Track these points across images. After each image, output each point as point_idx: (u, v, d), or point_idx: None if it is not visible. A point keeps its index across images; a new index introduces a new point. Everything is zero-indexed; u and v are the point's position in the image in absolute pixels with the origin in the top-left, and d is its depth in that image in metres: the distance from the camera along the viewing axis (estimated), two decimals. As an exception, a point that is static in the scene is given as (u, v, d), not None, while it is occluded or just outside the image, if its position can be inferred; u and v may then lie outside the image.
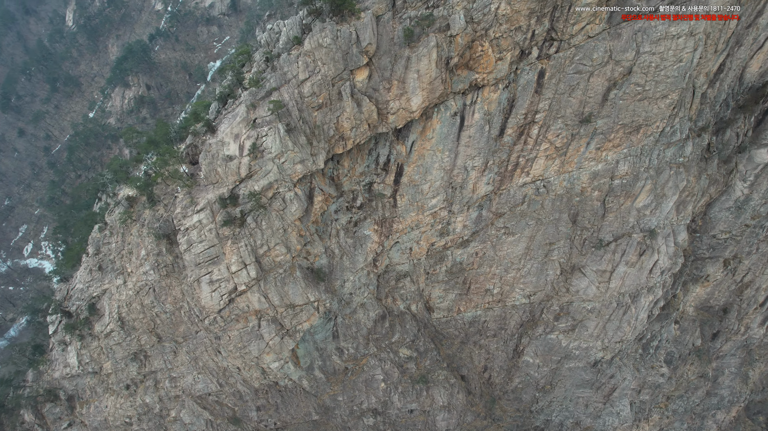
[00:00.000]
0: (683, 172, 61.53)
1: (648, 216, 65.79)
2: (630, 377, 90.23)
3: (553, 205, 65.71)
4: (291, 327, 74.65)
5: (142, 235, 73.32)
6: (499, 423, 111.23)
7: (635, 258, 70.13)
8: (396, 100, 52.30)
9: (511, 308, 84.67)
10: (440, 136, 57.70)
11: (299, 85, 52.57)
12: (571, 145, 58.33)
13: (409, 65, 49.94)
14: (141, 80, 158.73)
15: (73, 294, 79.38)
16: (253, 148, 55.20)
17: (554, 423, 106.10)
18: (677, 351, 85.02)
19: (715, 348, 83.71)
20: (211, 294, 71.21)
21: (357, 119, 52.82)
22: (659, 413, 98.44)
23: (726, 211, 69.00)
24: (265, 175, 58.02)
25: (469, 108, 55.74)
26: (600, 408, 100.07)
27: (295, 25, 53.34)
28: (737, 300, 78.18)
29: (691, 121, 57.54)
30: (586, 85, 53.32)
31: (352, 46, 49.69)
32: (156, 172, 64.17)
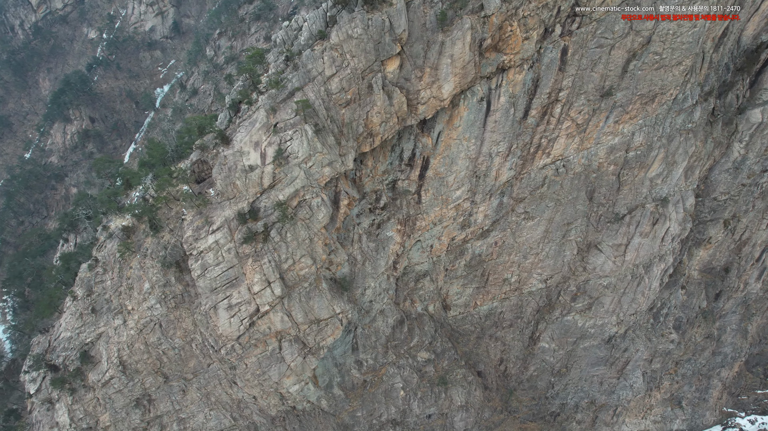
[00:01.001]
0: (692, 138, 65.11)
1: (660, 185, 69.06)
2: (643, 348, 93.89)
3: (571, 184, 67.48)
4: (314, 345, 71.78)
5: (145, 267, 67.83)
6: (515, 415, 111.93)
7: (648, 228, 73.20)
8: (427, 88, 51.60)
9: (528, 295, 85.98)
10: (467, 124, 57.55)
11: (326, 82, 50.50)
12: (591, 121, 60.26)
13: (443, 50, 49.46)
14: (83, 113, 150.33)
15: (58, 344, 72.33)
16: (278, 154, 52.36)
17: (569, 406, 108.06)
18: (685, 315, 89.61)
19: (718, 307, 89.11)
20: (229, 320, 67.00)
21: (387, 112, 51.51)
22: (669, 379, 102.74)
23: (725, 172, 73.91)
24: (291, 182, 55.21)
25: (494, 92, 56.08)
26: (614, 383, 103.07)
27: (318, 18, 51.19)
28: (736, 258, 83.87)
29: (700, 86, 60.70)
30: (608, 58, 55.37)
31: (384, 35, 48.43)
32: (156, 196, 59.23)
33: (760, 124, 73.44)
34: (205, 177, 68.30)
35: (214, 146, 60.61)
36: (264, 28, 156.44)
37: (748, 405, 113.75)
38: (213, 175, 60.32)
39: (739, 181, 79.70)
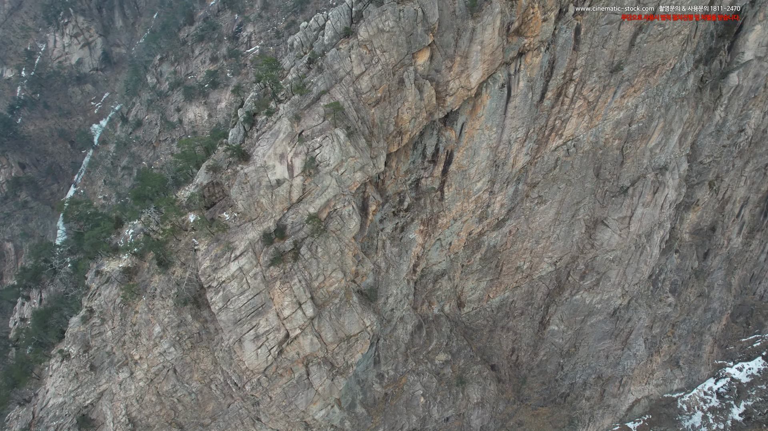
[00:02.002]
0: (686, 105, 69.84)
1: (658, 154, 73.37)
2: (644, 315, 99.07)
3: (581, 163, 70.27)
4: (343, 364, 70.36)
5: (154, 308, 62.80)
6: (527, 403, 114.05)
7: (650, 197, 77.36)
8: (456, 78, 51.74)
9: (538, 280, 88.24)
10: (489, 112, 58.35)
11: (354, 81, 49.15)
12: (601, 98, 63.41)
13: (473, 37, 49.82)
14: (11, 159, 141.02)
15: (47, 414, 65.60)
16: (307, 164, 49.81)
17: (578, 384, 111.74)
18: (679, 278, 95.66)
19: (707, 266, 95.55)
20: (256, 352, 63.78)
21: (417, 107, 51.05)
22: (668, 342, 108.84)
23: (709, 136, 79.69)
24: (323, 193, 53.26)
25: (514, 77, 57.49)
26: (619, 355, 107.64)
27: (342, 15, 49.48)
28: (720, 217, 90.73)
29: (694, 54, 64.42)
30: (617, 33, 58.25)
31: (417, 26, 47.85)
32: (163, 229, 54.58)
33: (737, 86, 79.83)
34: (216, 201, 63.82)
35: (228, 165, 56.76)
36: (209, 49, 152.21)
37: (735, 354, 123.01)
38: (232, 195, 56.42)
39: (720, 143, 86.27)
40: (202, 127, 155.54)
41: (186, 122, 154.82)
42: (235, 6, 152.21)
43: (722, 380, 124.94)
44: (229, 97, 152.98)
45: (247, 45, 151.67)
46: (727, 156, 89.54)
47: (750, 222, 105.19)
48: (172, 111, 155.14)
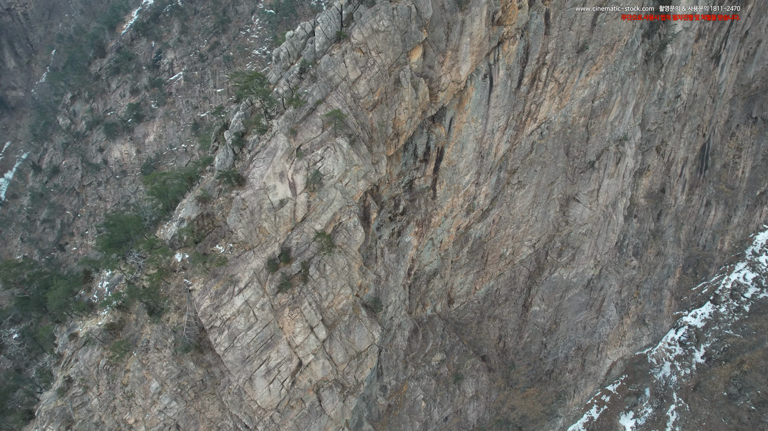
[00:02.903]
0: (636, 78, 74.94)
1: (617, 126, 78.09)
2: (614, 281, 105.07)
3: (553, 144, 73.20)
4: (353, 383, 69.32)
5: (149, 363, 58.34)
6: (516, 386, 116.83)
7: (613, 168, 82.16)
8: (447, 73, 51.91)
9: (519, 264, 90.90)
10: (475, 104, 59.16)
11: (351, 87, 47.67)
12: (569, 78, 65.74)
13: (463, 29, 50.19)
14: None
15: None
16: (311, 179, 47.69)
17: (560, 359, 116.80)
18: (640, 241, 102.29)
19: (661, 226, 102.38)
20: (268, 388, 61.09)
21: (413, 107, 50.76)
22: (634, 303, 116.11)
23: (653, 105, 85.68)
24: (328, 207, 51.37)
25: (494, 67, 58.78)
26: (594, 323, 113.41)
27: (332, 19, 47.43)
28: (667, 178, 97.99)
29: (641, 29, 69.20)
30: (581, 14, 61.70)
31: (411, 23, 47.21)
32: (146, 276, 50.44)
33: (672, 56, 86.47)
34: (206, 234, 59.31)
35: (219, 193, 52.54)
36: (127, 81, 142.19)
37: (688, 303, 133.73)
38: (230, 224, 52.76)
39: (662, 110, 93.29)
40: (132, 165, 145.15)
41: (112, 162, 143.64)
42: (150, 33, 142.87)
43: (681, 329, 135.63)
44: (157, 130, 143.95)
45: (169, 72, 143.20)
46: (668, 121, 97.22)
47: (690, 180, 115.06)
48: (94, 152, 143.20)
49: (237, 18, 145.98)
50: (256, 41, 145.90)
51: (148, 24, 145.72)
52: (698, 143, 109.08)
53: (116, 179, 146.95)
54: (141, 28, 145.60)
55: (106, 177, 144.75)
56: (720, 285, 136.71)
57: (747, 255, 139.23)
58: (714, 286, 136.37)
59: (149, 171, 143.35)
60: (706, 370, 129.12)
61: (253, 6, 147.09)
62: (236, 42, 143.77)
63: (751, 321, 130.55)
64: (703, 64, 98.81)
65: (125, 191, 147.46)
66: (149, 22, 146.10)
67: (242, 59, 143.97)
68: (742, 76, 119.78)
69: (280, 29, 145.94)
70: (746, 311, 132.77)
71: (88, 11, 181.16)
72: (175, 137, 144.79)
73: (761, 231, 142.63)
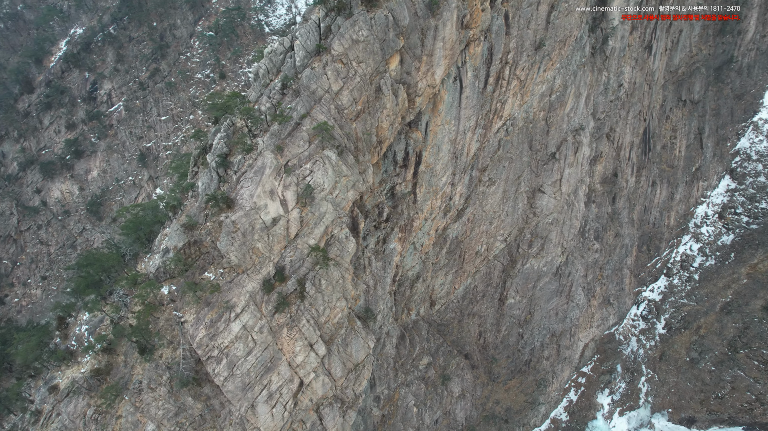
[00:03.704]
0: (586, 70, 79.52)
1: (573, 117, 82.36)
2: (580, 266, 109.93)
3: (518, 139, 76.33)
4: (352, 396, 70.12)
5: (143, 405, 56.91)
6: (498, 380, 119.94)
7: (573, 158, 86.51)
8: (423, 77, 53.47)
9: (494, 260, 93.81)
10: (447, 106, 61.15)
11: (334, 98, 48.11)
12: (529, 75, 68.89)
13: (437, 34, 51.50)
14: None
15: None
16: (302, 194, 47.97)
17: (537, 348, 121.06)
18: (600, 225, 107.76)
19: (616, 208, 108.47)
20: (271, 412, 60.84)
21: (394, 113, 51.65)
22: (599, 285, 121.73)
23: (601, 95, 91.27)
24: (320, 220, 51.69)
25: (462, 69, 60.97)
26: (565, 309, 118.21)
27: (311, 33, 47.63)
28: (618, 163, 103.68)
29: (588, 25, 73.83)
30: (537, 14, 64.58)
31: (389, 31, 48.15)
32: (132, 313, 49.14)
33: (612, 48, 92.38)
34: (192, 263, 57.81)
35: (207, 218, 51.23)
36: (62, 116, 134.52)
37: (645, 279, 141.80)
38: (222, 248, 51.75)
39: (608, 99, 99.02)
40: (75, 204, 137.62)
41: (52, 203, 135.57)
42: (83, 64, 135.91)
43: (642, 304, 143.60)
44: (100, 164, 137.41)
45: (108, 104, 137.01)
46: (615, 109, 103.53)
47: (637, 163, 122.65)
48: (30, 194, 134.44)
49: (176, 42, 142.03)
50: (197, 65, 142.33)
51: (79, 54, 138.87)
52: (640, 127, 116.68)
53: (58, 221, 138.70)
54: (71, 59, 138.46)
55: (47, 219, 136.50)
56: (671, 258, 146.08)
57: (690, 228, 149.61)
58: (666, 260, 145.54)
59: (96, 208, 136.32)
60: (668, 340, 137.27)
61: (191, 30, 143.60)
62: (177, 67, 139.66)
63: (702, 288, 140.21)
64: (639, 54, 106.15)
65: (70, 232, 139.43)
66: (80, 52, 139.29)
67: (185, 84, 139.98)
68: (670, 63, 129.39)
69: (222, 51, 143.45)
70: (696, 280, 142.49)
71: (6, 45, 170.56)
72: (120, 170, 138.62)
73: (699, 205, 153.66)
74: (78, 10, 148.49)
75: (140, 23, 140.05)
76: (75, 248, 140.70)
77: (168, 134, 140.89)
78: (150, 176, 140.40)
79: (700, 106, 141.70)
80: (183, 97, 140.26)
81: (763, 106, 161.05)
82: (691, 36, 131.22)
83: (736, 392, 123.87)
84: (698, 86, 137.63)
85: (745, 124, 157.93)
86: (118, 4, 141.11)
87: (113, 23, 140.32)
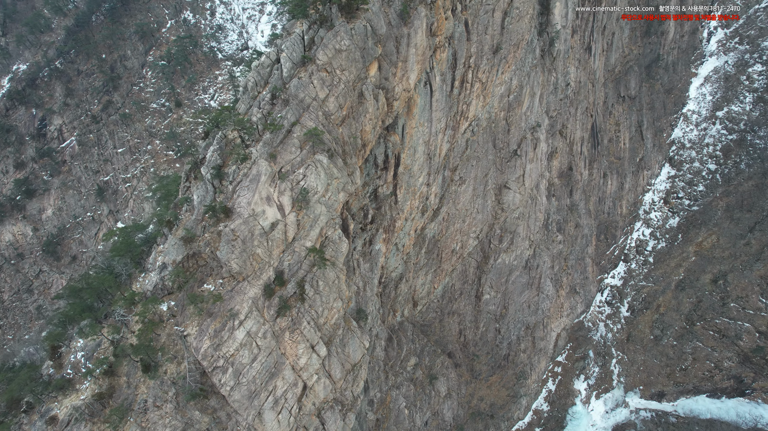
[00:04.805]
0: (538, 71, 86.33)
1: (530, 116, 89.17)
2: (547, 258, 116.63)
3: (483, 139, 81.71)
4: (351, 398, 72.76)
5: (150, 424, 58.98)
6: (480, 377, 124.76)
7: (533, 154, 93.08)
8: (399, 82, 57.91)
9: (468, 257, 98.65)
10: (420, 109, 65.69)
11: (321, 105, 51.67)
12: (489, 77, 74.52)
13: (410, 41, 56.05)
14: None
15: None
16: (298, 197, 51.23)
17: (513, 341, 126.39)
18: (561, 217, 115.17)
19: (574, 200, 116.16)
20: (277, 419, 63.20)
21: (375, 117, 55.66)
22: (565, 275, 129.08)
23: (551, 94, 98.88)
24: (315, 222, 54.94)
25: (431, 74, 65.53)
26: (536, 301, 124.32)
27: (296, 45, 50.99)
28: (572, 157, 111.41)
29: (536, 29, 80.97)
30: (492, 20, 70.39)
31: (368, 40, 52.28)
32: (132, 332, 50.83)
33: (558, 50, 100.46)
34: (190, 277, 59.40)
35: (204, 230, 53.03)
36: (9, 155, 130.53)
37: (606, 266, 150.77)
38: (222, 257, 53.65)
39: (558, 98, 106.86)
40: (30, 246, 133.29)
41: (3, 246, 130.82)
42: (29, 100, 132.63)
43: (606, 291, 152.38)
44: (55, 202, 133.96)
45: (59, 139, 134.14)
46: (565, 107, 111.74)
47: (588, 156, 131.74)
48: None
49: (127, 74, 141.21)
50: (152, 94, 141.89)
51: (24, 91, 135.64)
52: (588, 123, 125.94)
53: (11, 264, 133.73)
54: (16, 96, 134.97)
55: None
56: (627, 245, 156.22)
57: (641, 214, 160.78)
58: (623, 247, 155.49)
59: (53, 248, 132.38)
60: (633, 321, 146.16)
61: (142, 60, 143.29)
62: (131, 98, 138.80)
63: (657, 269, 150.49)
64: (581, 55, 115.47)
65: (25, 276, 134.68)
66: (25, 88, 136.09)
67: (140, 114, 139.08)
68: (608, 63, 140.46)
69: (176, 79, 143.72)
70: (651, 262, 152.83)
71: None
72: (77, 207, 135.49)
73: (646, 192, 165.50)
74: (19, 46, 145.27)
75: (88, 56, 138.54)
76: (32, 293, 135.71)
77: (126, 166, 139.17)
78: (110, 210, 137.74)
79: (637, 101, 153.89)
80: (139, 128, 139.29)
81: (690, 98, 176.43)
82: (622, 38, 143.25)
83: (697, 362, 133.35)
84: (633, 83, 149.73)
85: (676, 116, 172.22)
86: (63, 38, 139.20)
87: (59, 57, 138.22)
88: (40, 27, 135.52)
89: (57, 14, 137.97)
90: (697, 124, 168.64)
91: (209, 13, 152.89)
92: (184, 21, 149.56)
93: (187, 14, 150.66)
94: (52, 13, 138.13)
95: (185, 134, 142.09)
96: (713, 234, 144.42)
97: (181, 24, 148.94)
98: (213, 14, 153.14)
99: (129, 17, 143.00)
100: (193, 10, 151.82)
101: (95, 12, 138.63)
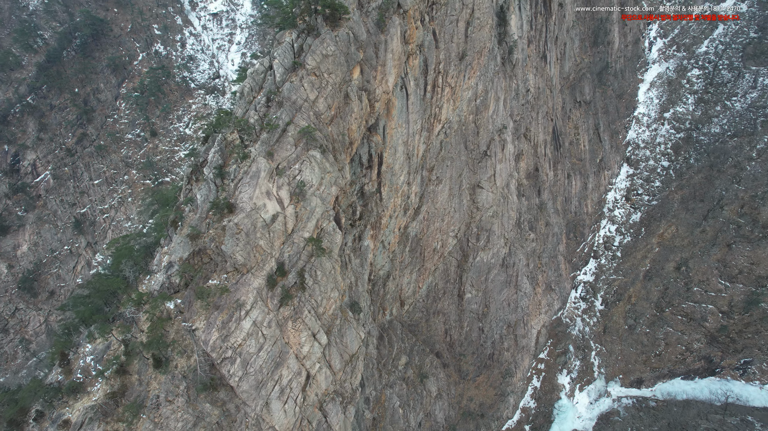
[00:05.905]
0: (501, 77, 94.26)
1: (496, 119, 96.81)
2: (522, 256, 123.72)
3: (455, 140, 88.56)
4: (350, 390, 77.29)
5: (162, 419, 62.40)
6: (467, 377, 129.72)
7: (501, 155, 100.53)
8: (379, 85, 63.96)
9: (449, 256, 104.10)
10: (398, 111, 71.75)
11: (312, 106, 57.33)
12: (458, 82, 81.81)
13: (387, 47, 62.28)
14: None
15: None
16: (295, 190, 56.62)
17: (496, 340, 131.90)
18: (532, 216, 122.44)
19: (543, 200, 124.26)
20: (283, 408, 67.27)
21: (360, 116, 61.50)
22: (540, 273, 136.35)
23: (513, 99, 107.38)
24: (312, 214, 60.23)
25: (406, 79, 71.73)
26: (515, 299, 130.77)
27: (287, 52, 56.77)
28: (537, 159, 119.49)
29: (496, 38, 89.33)
30: (456, 29, 77.99)
31: (350, 46, 58.35)
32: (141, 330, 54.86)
33: (516, 58, 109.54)
34: (195, 273, 63.37)
35: (209, 226, 57.25)
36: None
37: (578, 263, 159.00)
38: (227, 250, 57.90)
39: (520, 103, 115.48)
40: (5, 283, 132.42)
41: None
42: (1, 137, 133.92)
43: (579, 287, 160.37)
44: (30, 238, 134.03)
45: (33, 174, 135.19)
46: (526, 111, 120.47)
47: (552, 158, 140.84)
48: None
49: (101, 106, 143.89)
50: (126, 125, 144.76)
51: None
52: (549, 127, 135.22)
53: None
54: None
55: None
56: (595, 242, 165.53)
57: (606, 212, 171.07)
58: (591, 244, 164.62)
59: (29, 285, 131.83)
60: (607, 313, 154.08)
61: (115, 92, 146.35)
62: (105, 130, 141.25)
63: (625, 263, 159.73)
64: (538, 63, 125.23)
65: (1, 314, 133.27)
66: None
67: (116, 146, 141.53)
68: (562, 71, 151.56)
69: (150, 110, 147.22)
70: (619, 256, 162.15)
71: None
72: (54, 241, 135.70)
73: (609, 191, 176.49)
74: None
75: (61, 90, 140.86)
76: (7, 332, 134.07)
77: (103, 197, 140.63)
78: (88, 242, 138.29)
79: (593, 106, 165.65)
80: (115, 159, 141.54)
81: (640, 102, 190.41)
82: (573, 47, 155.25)
83: (670, 347, 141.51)
84: (587, 89, 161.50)
85: (629, 119, 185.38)
86: (35, 74, 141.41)
87: (31, 93, 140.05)
88: (9, 65, 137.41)
89: (27, 51, 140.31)
90: (648, 126, 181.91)
91: (180, 45, 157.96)
92: (155, 53, 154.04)
93: (158, 46, 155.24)
94: (22, 50, 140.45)
95: (162, 162, 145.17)
96: (672, 226, 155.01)
97: (153, 56, 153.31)
98: (183, 46, 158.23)
99: (100, 51, 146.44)
100: (163, 42, 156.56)
101: (66, 48, 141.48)
